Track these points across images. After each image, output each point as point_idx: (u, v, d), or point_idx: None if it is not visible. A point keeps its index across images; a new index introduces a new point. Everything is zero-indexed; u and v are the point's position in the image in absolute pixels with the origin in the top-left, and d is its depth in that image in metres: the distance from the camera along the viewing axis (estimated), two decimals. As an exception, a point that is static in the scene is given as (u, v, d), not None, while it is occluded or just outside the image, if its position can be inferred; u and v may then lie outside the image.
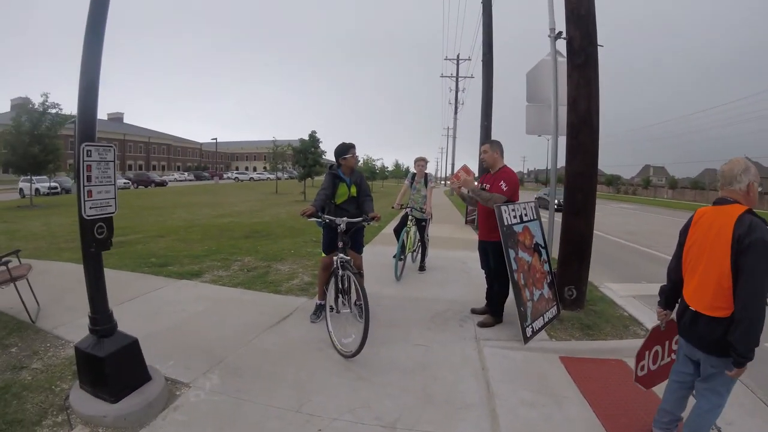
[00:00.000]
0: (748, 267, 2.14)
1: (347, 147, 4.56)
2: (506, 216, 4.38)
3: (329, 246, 4.47)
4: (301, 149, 26.01)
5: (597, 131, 5.09)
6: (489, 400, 3.26)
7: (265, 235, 10.34)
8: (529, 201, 5.00)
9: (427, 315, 4.95)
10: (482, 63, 12.72)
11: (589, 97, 5.03)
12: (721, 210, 2.34)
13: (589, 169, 5.09)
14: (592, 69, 5.06)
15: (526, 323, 4.23)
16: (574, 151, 5.08)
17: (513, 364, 3.87)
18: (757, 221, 2.20)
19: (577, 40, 5.05)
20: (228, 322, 4.47)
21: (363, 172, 27.61)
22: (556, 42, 5.63)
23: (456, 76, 29.46)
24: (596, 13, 5.08)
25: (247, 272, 6.51)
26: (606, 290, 6.45)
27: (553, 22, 5.64)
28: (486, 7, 12.62)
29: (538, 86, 6.13)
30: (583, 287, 5.20)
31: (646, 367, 3.08)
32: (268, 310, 4.84)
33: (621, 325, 4.87)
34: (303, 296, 5.40)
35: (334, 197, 4.57)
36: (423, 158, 7.22)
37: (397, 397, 3.22)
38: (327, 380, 3.41)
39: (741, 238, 2.17)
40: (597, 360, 4.07)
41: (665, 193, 67.86)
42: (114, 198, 3.01)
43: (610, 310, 5.37)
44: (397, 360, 3.81)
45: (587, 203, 5.12)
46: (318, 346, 4.01)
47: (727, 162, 2.44)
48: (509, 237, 4.33)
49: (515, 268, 4.29)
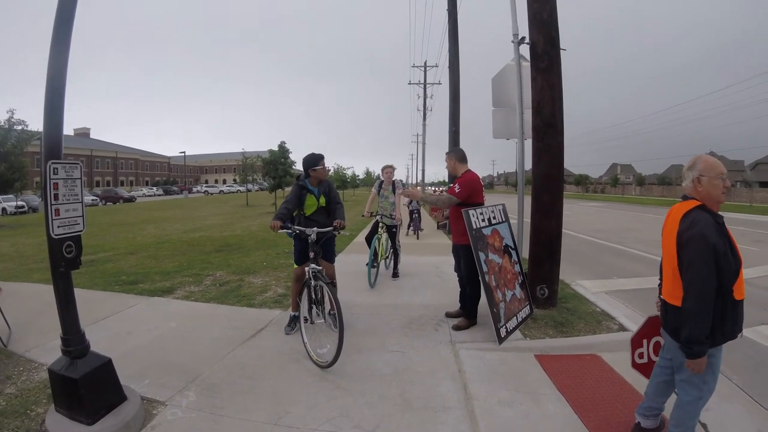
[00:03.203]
0: (688, 260, 2.25)
1: (317, 158, 4.50)
2: (474, 220, 4.44)
3: (301, 257, 4.44)
4: (270, 160, 25.72)
5: (562, 133, 5.20)
6: (467, 401, 3.29)
7: (237, 248, 10.23)
8: (497, 204, 5.08)
9: (403, 321, 4.97)
10: (448, 69, 12.93)
11: (553, 100, 5.13)
12: (680, 206, 2.44)
13: (555, 171, 5.19)
14: (556, 72, 5.16)
15: (499, 324, 4.28)
16: (540, 153, 5.19)
17: (489, 364, 3.91)
18: (699, 217, 2.27)
19: (540, 44, 5.16)
20: (202, 338, 4.40)
21: (334, 181, 27.30)
22: (520, 47, 5.74)
23: (424, 83, 29.69)
24: (559, 17, 5.20)
25: (220, 287, 6.43)
26: (578, 287, 6.58)
27: (516, 28, 5.73)
28: (451, 14, 12.84)
29: (504, 91, 6.23)
30: (554, 286, 5.30)
31: (645, 355, 3.13)
32: (242, 324, 4.79)
33: (594, 320, 4.96)
34: (277, 309, 5.35)
35: (302, 208, 4.54)
36: (390, 165, 7.26)
37: (375, 404, 3.22)
38: (304, 391, 3.39)
39: (682, 233, 2.29)
40: (572, 356, 4.15)
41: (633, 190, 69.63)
42: (82, 216, 2.96)
43: (582, 306, 5.47)
44: (374, 367, 3.81)
45: (555, 204, 5.22)
46: (294, 357, 3.98)
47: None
48: (478, 240, 4.40)
49: (486, 270, 4.35)
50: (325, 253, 4.49)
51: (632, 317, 5.20)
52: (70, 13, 2.80)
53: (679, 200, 2.56)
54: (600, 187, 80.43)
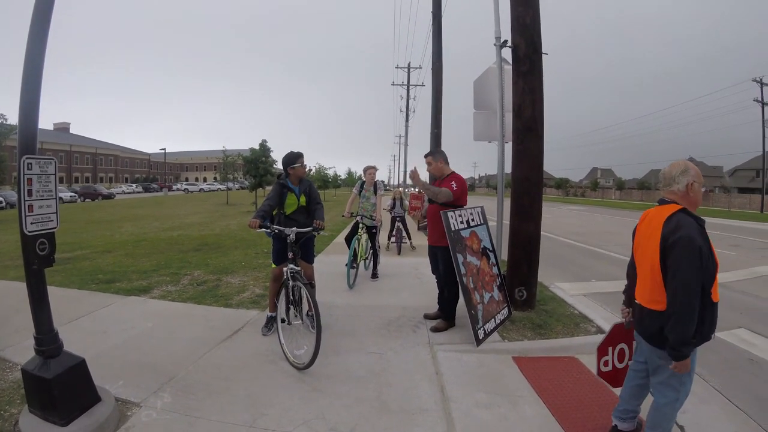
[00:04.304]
0: (674, 264, 2.25)
1: (295, 156, 4.49)
2: (453, 222, 4.45)
3: (279, 257, 4.41)
4: (251, 159, 25.46)
5: (542, 137, 5.24)
6: (444, 404, 3.28)
7: (215, 247, 10.12)
8: (476, 206, 5.09)
9: (381, 322, 4.96)
10: (432, 71, 12.96)
11: (533, 104, 5.16)
12: (659, 210, 2.46)
13: (535, 174, 5.23)
14: (537, 76, 5.20)
15: (477, 326, 4.29)
16: (520, 156, 5.22)
17: (467, 366, 3.91)
18: (685, 220, 2.30)
19: (522, 48, 5.19)
20: (178, 338, 4.34)
21: (315, 180, 27.45)
22: (502, 50, 5.77)
23: (407, 84, 29.72)
24: (542, 23, 5.24)
25: (197, 286, 6.35)
26: (556, 290, 6.63)
27: (498, 31, 5.76)
28: (436, 17, 12.87)
29: (485, 94, 6.25)
30: (533, 288, 5.33)
31: (610, 363, 3.15)
32: (218, 325, 4.73)
33: (572, 323, 5.00)
34: (254, 309, 5.31)
35: (283, 207, 4.52)
36: (373, 166, 7.26)
37: (351, 406, 3.20)
38: (280, 393, 3.36)
39: (667, 236, 2.29)
40: (550, 358, 4.17)
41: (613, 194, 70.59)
42: (55, 213, 2.90)
43: (560, 309, 5.51)
44: (351, 369, 3.79)
45: (534, 207, 5.25)
46: (270, 359, 3.94)
47: (669, 164, 2.56)
48: (457, 242, 4.40)
49: (464, 272, 4.36)
50: (304, 254, 4.46)
51: (610, 319, 5.24)
52: (48, 5, 2.73)
53: (655, 204, 2.59)
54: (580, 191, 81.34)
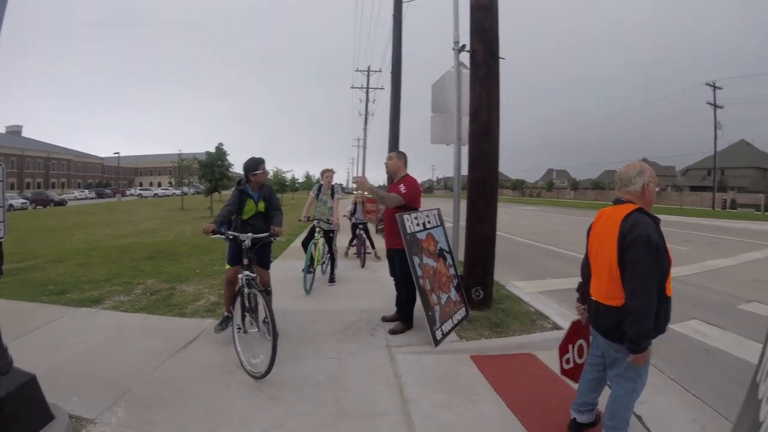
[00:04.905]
0: (632, 261, 2.34)
1: (257, 162, 4.41)
2: (409, 224, 4.48)
3: (234, 258, 4.32)
4: (207, 162, 24.81)
5: (497, 140, 5.34)
6: (403, 406, 3.28)
7: (169, 254, 9.83)
8: (433, 209, 5.14)
9: (338, 327, 4.92)
10: (391, 75, 13.01)
11: (490, 108, 5.26)
12: (615, 209, 2.55)
13: (490, 176, 5.32)
14: (494, 81, 5.30)
15: (435, 327, 4.32)
16: (475, 159, 5.30)
17: (425, 368, 3.93)
18: (642, 219, 2.40)
19: (480, 53, 5.28)
20: (132, 351, 4.18)
21: (273, 185, 26.56)
22: (460, 55, 5.86)
23: (366, 88, 29.79)
24: (502, 29, 5.35)
25: (150, 296, 6.14)
26: (513, 288, 6.76)
27: (457, 36, 5.85)
28: (396, 20, 12.91)
29: (443, 97, 6.33)
30: (489, 287, 5.42)
31: (571, 360, 3.25)
32: (173, 335, 4.58)
33: (528, 320, 5.11)
34: (209, 318, 5.15)
35: (241, 213, 4.43)
36: (330, 170, 7.22)
37: (310, 413, 3.16)
38: (237, 403, 3.28)
39: (625, 235, 2.38)
40: (507, 356, 4.25)
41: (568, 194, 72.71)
42: (3, 221, 2.75)
43: (516, 307, 5.62)
44: (309, 376, 3.74)
45: (489, 208, 5.35)
46: (227, 368, 3.84)
47: (624, 166, 2.66)
48: (413, 244, 4.43)
49: (420, 274, 4.38)
50: (259, 260, 4.38)
51: (566, 316, 5.39)
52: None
53: (609, 204, 2.68)
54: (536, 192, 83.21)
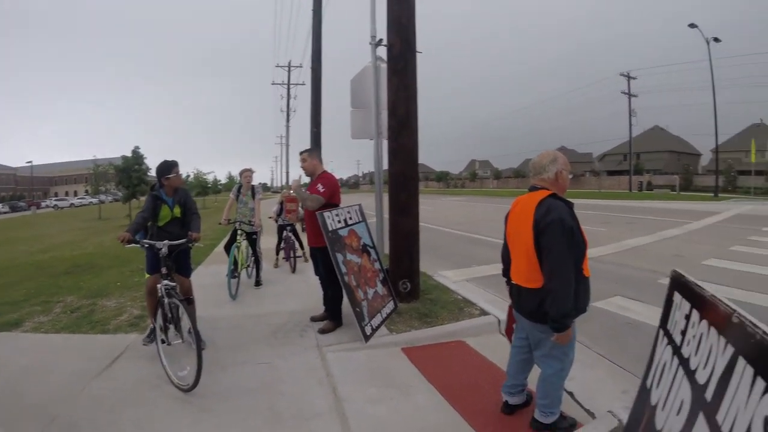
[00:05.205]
0: (547, 244, 2.45)
1: (170, 165, 4.19)
2: (330, 221, 4.45)
3: (152, 266, 4.10)
4: (123, 168, 23.44)
5: (416, 133, 5.41)
6: (337, 404, 3.26)
7: (88, 268, 9.19)
8: (354, 204, 5.14)
9: (267, 330, 4.80)
10: (311, 70, 12.85)
11: (408, 101, 5.32)
12: (530, 196, 2.66)
13: (410, 169, 5.39)
14: (411, 74, 5.36)
15: (364, 322, 4.32)
16: (395, 153, 5.35)
17: (357, 364, 3.92)
18: (555, 204, 2.51)
19: (397, 46, 5.32)
20: (56, 373, 3.88)
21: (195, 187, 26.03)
22: (377, 49, 5.87)
23: (287, 84, 29.29)
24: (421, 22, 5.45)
25: (71, 313, 5.70)
26: (440, 278, 6.89)
27: (374, 30, 5.84)
28: (316, 14, 12.70)
29: (362, 92, 6.30)
30: (416, 279, 5.50)
31: None
32: (97, 354, 4.28)
33: (456, 308, 5.22)
34: (133, 332, 4.87)
35: (157, 219, 4.20)
36: (249, 169, 7.02)
37: (243, 421, 3.06)
38: (168, 418, 3.13)
39: (539, 220, 2.49)
40: (438, 345, 4.33)
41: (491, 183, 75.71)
42: None
43: (444, 296, 5.74)
44: (241, 383, 3.62)
45: (411, 201, 5.42)
46: (154, 383, 3.65)
47: (538, 155, 2.78)
48: (335, 242, 4.41)
49: (344, 271, 4.37)
50: (179, 267, 4.16)
51: (492, 301, 5.57)
52: None
53: (527, 191, 2.79)
54: (460, 183, 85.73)
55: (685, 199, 27.70)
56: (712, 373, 0.97)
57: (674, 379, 1.23)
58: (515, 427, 2.96)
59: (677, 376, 1.21)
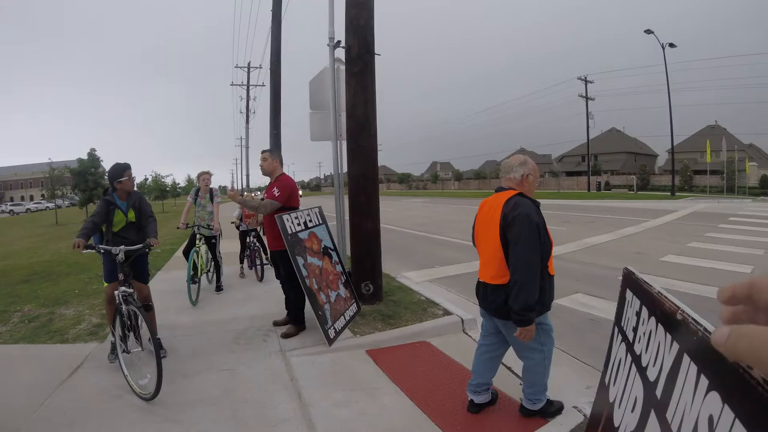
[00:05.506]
0: (514, 237, 2.52)
1: (122, 169, 4.05)
2: (289, 225, 4.41)
3: (110, 274, 3.95)
4: (79, 171, 22.51)
5: (375, 135, 5.43)
6: (303, 409, 3.22)
7: (46, 276, 8.79)
8: (314, 207, 5.10)
9: (229, 337, 4.70)
10: (270, 71, 12.67)
11: (366, 103, 5.31)
12: (497, 196, 2.75)
13: (370, 171, 5.39)
14: (369, 76, 5.36)
15: (327, 326, 4.29)
16: (354, 154, 5.35)
17: (321, 368, 3.89)
18: (522, 201, 2.61)
19: (356, 48, 5.31)
20: (15, 386, 3.72)
21: (153, 191, 25.33)
22: (336, 50, 5.84)
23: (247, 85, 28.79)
24: (382, 27, 5.44)
25: (29, 323, 5.45)
26: (403, 279, 6.91)
27: (332, 32, 5.82)
28: (275, 16, 12.52)
29: (321, 94, 6.25)
30: (378, 281, 5.50)
31: None
32: (57, 365, 4.11)
33: (419, 309, 5.25)
34: (93, 341, 4.71)
35: (111, 225, 4.04)
36: (206, 172, 6.86)
37: (208, 430, 2.99)
38: (131, 429, 3.04)
39: (507, 215, 2.57)
40: (402, 346, 4.34)
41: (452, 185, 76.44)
42: None
43: (407, 297, 5.76)
44: (204, 391, 3.54)
45: (371, 202, 5.42)
46: (116, 393, 3.53)
47: (510, 156, 2.91)
48: (295, 245, 4.37)
49: (305, 274, 4.33)
50: (136, 273, 4.03)
51: (455, 301, 5.64)
52: None
53: (492, 192, 2.88)
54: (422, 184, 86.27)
55: (643, 198, 28.54)
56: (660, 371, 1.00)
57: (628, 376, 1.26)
58: (481, 425, 3.01)
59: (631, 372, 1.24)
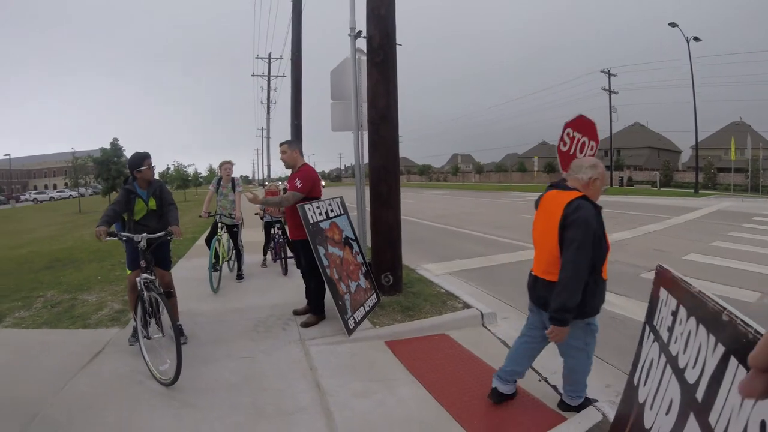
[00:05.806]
0: (569, 238, 2.52)
1: (141, 158, 4.07)
2: (311, 214, 4.40)
3: (133, 261, 4.01)
4: (102, 160, 23.09)
5: (396, 126, 5.38)
6: (321, 399, 3.23)
7: (69, 262, 8.99)
8: (335, 197, 5.09)
9: (249, 325, 4.73)
10: (291, 62, 12.69)
11: (387, 94, 5.27)
12: (560, 193, 2.72)
13: (391, 162, 5.35)
14: (391, 66, 5.31)
15: (346, 316, 4.29)
16: (375, 145, 5.31)
17: (340, 358, 3.89)
18: (584, 204, 2.58)
19: (377, 38, 5.26)
20: (37, 370, 3.78)
21: (175, 180, 25.93)
22: (357, 41, 5.80)
23: (268, 75, 28.88)
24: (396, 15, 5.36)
25: (51, 308, 5.56)
26: (422, 271, 6.87)
27: (353, 21, 5.79)
28: (296, 6, 12.54)
29: (342, 84, 6.23)
30: (398, 272, 5.47)
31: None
32: (78, 349, 4.18)
33: (439, 301, 5.21)
34: (114, 327, 4.78)
35: (132, 214, 4.09)
36: (228, 161, 6.94)
37: (226, 416, 3.02)
38: (150, 414, 3.07)
39: (567, 216, 2.55)
40: (421, 338, 4.31)
41: (473, 177, 75.87)
42: None
43: (427, 289, 5.72)
44: (222, 378, 3.57)
45: (392, 193, 5.38)
46: (136, 378, 3.58)
47: (584, 157, 2.94)
48: (316, 234, 4.36)
49: (326, 264, 4.33)
50: (158, 260, 4.07)
51: (475, 294, 5.58)
52: None
53: (546, 187, 2.89)
54: (443, 176, 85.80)
55: (666, 195, 27.91)
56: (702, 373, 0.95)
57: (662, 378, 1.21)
58: (499, 419, 2.98)
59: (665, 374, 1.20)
